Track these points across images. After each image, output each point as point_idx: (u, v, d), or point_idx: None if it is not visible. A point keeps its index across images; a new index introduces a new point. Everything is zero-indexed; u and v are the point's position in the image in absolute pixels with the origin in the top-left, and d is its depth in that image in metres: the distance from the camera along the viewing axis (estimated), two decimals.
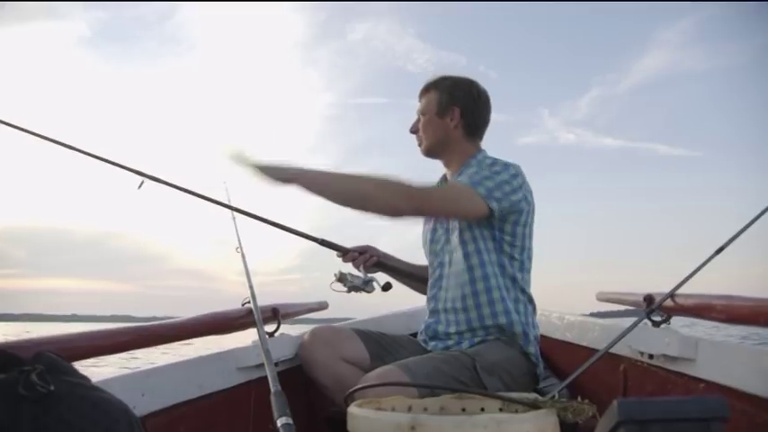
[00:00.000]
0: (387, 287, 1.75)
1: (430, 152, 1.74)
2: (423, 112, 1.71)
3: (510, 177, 1.55)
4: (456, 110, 1.67)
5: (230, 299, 1.57)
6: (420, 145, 1.74)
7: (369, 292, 1.71)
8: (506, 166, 1.58)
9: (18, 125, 1.60)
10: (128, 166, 1.65)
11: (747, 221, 1.37)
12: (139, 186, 1.63)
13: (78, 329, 1.07)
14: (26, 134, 1.61)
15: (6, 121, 1.59)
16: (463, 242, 1.58)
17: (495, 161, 1.60)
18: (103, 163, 1.65)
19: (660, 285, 1.48)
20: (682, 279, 1.36)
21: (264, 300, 1.49)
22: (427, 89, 1.73)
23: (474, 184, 1.51)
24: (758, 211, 1.36)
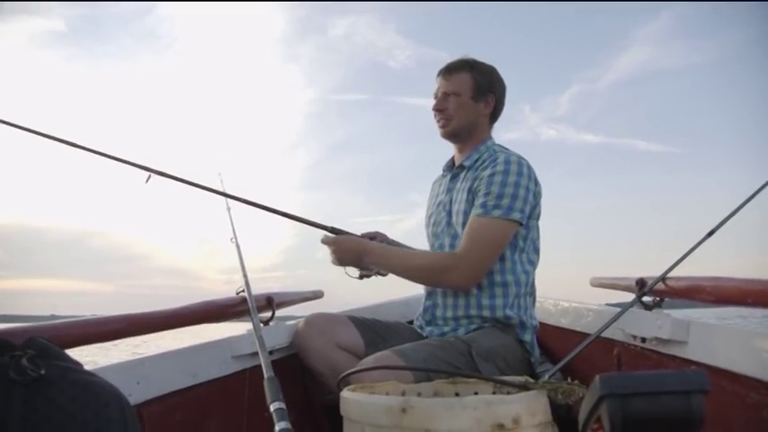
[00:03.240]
0: None
1: (454, 134, 1.68)
2: (456, 92, 1.64)
3: (528, 181, 1.52)
4: (491, 97, 1.66)
5: (214, 297, 1.57)
6: (444, 125, 1.67)
7: (383, 275, 1.72)
8: (520, 169, 1.53)
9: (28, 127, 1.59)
10: (133, 161, 1.66)
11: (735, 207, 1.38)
12: (147, 180, 1.65)
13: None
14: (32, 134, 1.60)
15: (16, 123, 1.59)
16: (465, 226, 1.56)
17: (507, 160, 1.54)
18: (98, 158, 1.66)
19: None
20: (673, 263, 1.37)
21: None
22: (459, 68, 1.66)
23: (507, 212, 1.48)
24: (746, 198, 1.37)
